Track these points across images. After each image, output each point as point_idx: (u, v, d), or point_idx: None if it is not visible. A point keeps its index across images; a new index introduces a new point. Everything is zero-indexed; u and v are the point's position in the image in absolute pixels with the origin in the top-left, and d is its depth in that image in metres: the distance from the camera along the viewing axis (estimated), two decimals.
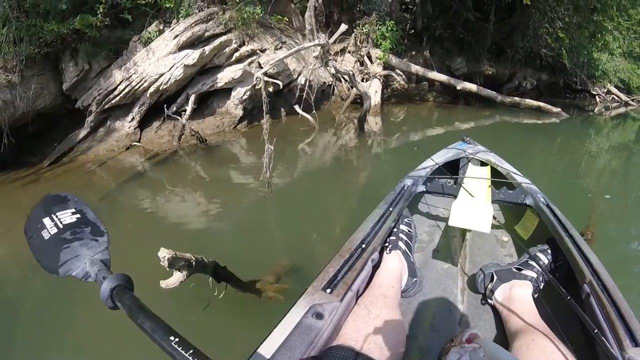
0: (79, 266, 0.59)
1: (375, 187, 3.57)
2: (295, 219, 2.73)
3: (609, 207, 3.14)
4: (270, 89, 2.60)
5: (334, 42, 4.97)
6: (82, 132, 4.98)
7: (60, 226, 0.65)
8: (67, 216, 0.67)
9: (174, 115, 4.41)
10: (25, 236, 0.65)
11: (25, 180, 4.06)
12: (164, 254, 1.16)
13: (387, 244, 1.16)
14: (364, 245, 1.02)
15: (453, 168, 1.74)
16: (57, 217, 0.67)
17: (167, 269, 1.18)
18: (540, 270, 1.06)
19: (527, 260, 1.09)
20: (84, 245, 0.63)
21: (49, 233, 0.64)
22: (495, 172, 1.75)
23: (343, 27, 3.83)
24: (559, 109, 8.23)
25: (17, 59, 4.42)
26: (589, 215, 2.67)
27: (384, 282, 0.98)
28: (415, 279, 1.11)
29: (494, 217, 1.16)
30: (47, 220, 0.65)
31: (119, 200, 3.39)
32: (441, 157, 1.86)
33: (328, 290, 0.81)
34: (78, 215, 0.68)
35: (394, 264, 1.08)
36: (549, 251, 1.12)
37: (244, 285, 1.61)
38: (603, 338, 0.71)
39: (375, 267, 1.06)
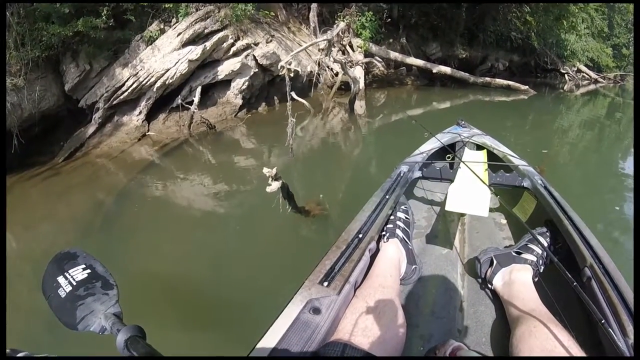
0: (95, 321, 0.66)
1: (368, 155, 4.54)
2: (315, 176, 3.59)
3: (555, 157, 4.41)
4: (292, 75, 3.38)
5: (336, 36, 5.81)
6: (91, 129, 5.57)
7: (74, 283, 0.72)
8: (79, 272, 0.74)
9: (186, 105, 5.17)
10: (44, 296, 0.72)
11: (43, 175, 4.43)
12: (267, 170, 1.97)
13: (384, 233, 1.20)
14: (360, 235, 1.05)
15: (449, 153, 1.80)
16: (69, 274, 0.73)
17: (270, 180, 2.01)
18: (539, 253, 1.09)
19: (527, 244, 1.13)
20: (97, 300, 0.69)
21: (65, 291, 0.70)
22: (491, 155, 1.83)
23: (342, 24, 4.69)
24: (527, 87, 9.41)
25: (21, 63, 4.84)
26: (542, 162, 3.89)
27: (382, 272, 1.01)
28: (414, 266, 1.15)
29: (491, 201, 1.20)
30: (61, 279, 0.73)
31: (146, 183, 3.83)
32: (436, 141, 1.91)
33: (325, 284, 0.83)
34: (89, 271, 0.75)
35: (391, 252, 1.11)
36: (548, 234, 1.16)
37: (299, 207, 2.44)
38: (605, 324, 0.72)
39: (373, 257, 1.09)
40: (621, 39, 21.55)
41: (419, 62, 9.04)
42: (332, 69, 7.49)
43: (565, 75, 15.86)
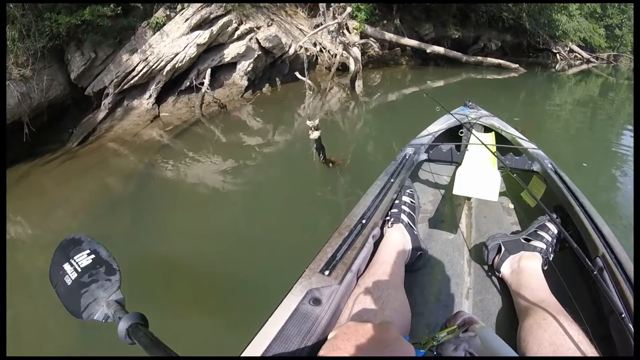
0: (98, 310, 0.70)
1: (370, 129, 5.15)
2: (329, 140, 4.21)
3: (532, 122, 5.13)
4: (308, 54, 3.92)
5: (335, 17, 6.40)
6: (101, 114, 5.98)
7: (79, 270, 0.76)
8: (84, 258, 0.78)
9: (199, 86, 5.72)
10: (51, 284, 0.76)
11: (60, 159, 4.65)
12: (310, 122, 2.55)
13: (388, 218, 1.19)
14: (364, 221, 1.04)
15: (456, 134, 1.76)
16: (75, 261, 0.77)
17: (311, 130, 2.60)
18: (549, 241, 1.08)
19: (536, 230, 1.12)
20: (100, 287, 0.73)
21: (71, 279, 0.74)
22: (499, 138, 1.84)
23: (349, 8, 5.29)
24: (517, 65, 10.13)
25: (27, 54, 5.14)
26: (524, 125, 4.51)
27: (385, 259, 1.01)
28: (419, 252, 1.15)
29: (500, 185, 1.21)
30: (67, 266, 0.77)
31: (166, 163, 4.08)
32: (443, 123, 1.90)
33: (326, 273, 0.83)
34: (93, 256, 0.79)
35: (396, 238, 1.11)
36: (558, 220, 1.14)
37: (326, 158, 3.06)
38: (618, 317, 0.72)
39: (377, 243, 1.09)
40: (614, 19, 22.22)
41: (413, 43, 9.66)
42: (329, 51, 8.06)
43: (557, 55, 16.67)
